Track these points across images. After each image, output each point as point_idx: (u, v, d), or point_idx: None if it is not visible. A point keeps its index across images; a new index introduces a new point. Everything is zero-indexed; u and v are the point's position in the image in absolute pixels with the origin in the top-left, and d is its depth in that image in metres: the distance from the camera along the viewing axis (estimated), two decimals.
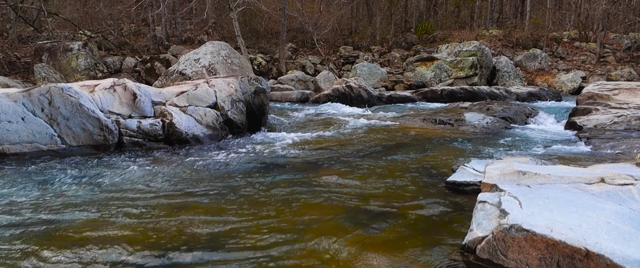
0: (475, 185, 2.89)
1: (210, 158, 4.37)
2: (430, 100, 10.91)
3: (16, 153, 4.14)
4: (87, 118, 4.57)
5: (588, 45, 18.17)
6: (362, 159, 4.27)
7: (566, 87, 14.93)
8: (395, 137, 5.58)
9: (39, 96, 4.39)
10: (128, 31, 18.26)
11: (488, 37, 18.32)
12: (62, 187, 3.44)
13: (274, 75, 14.50)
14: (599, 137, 5.45)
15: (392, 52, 16.31)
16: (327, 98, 10.72)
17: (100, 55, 14.23)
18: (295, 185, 3.41)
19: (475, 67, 13.75)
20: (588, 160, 4.09)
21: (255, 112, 6.58)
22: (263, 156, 4.47)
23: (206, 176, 3.73)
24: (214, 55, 11.06)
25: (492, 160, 3.21)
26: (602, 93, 8.10)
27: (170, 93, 5.60)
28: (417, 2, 20.31)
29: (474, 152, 4.59)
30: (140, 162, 4.22)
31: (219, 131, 5.49)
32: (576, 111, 7.23)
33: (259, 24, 16.83)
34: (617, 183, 1.92)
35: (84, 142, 4.55)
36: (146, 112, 5.15)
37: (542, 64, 16.62)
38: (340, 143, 5.08)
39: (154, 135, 4.93)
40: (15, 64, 13.58)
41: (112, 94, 5.02)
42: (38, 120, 4.32)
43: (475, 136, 5.81)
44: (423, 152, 4.62)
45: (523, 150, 4.71)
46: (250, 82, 6.65)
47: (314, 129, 6.17)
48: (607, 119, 6.30)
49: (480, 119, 7.19)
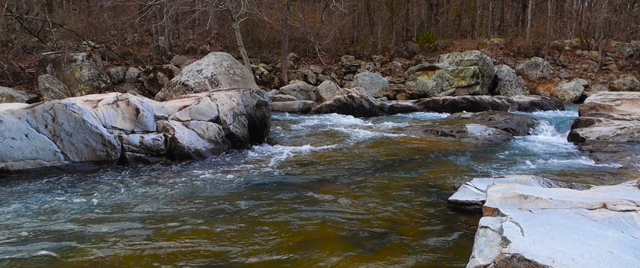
0: (477, 205, 2.89)
1: (211, 175, 4.38)
2: (432, 110, 10.91)
3: (19, 170, 4.16)
4: (90, 134, 4.60)
5: (590, 54, 18.18)
6: (363, 176, 4.26)
7: (568, 96, 14.92)
8: (397, 150, 5.58)
9: (43, 113, 4.42)
10: (131, 41, 18.41)
11: (489, 45, 18.36)
12: (63, 207, 3.45)
13: (276, 85, 14.55)
14: (601, 150, 5.43)
15: (394, 61, 16.36)
16: (329, 108, 10.74)
17: (103, 65, 14.33)
18: (295, 204, 3.41)
19: (477, 76, 13.76)
20: (591, 176, 4.08)
21: (257, 125, 6.60)
22: (263, 173, 4.47)
23: (206, 195, 3.73)
24: (216, 66, 11.13)
25: (494, 180, 3.20)
26: (605, 103, 8.09)
27: (172, 107, 5.62)
28: (418, 11, 20.40)
29: (476, 168, 4.58)
30: (141, 180, 4.23)
31: (221, 145, 5.51)
32: (578, 122, 7.22)
33: (261, 34, 16.93)
34: (619, 210, 1.91)
35: (87, 158, 4.57)
36: (149, 126, 5.17)
37: (544, 72, 16.62)
38: (341, 159, 5.08)
39: (156, 150, 4.95)
40: (20, 74, 13.69)
41: (115, 109, 5.05)
42: (41, 136, 4.35)
43: (477, 149, 5.81)
44: (425, 168, 4.61)
45: (525, 165, 4.70)
46: (252, 95, 6.68)
47: (316, 142, 6.18)
48: (610, 131, 6.28)
49: (482, 130, 7.18)
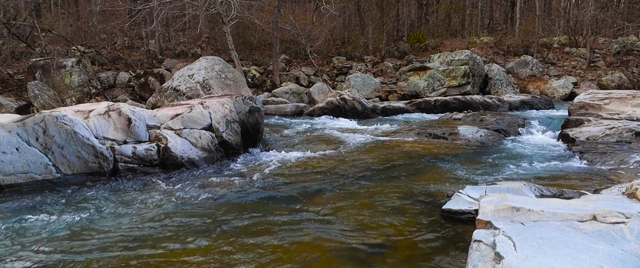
0: (470, 214, 2.92)
1: (204, 187, 4.36)
2: (424, 110, 10.98)
3: (11, 184, 4.11)
4: (81, 146, 4.56)
5: (578, 51, 18.41)
6: (356, 184, 4.28)
7: (558, 93, 15.09)
8: (390, 155, 5.61)
9: (34, 125, 4.38)
10: (121, 45, 18.24)
11: (479, 44, 18.50)
12: (54, 223, 3.42)
13: (268, 88, 14.52)
14: (591, 151, 5.51)
15: (385, 62, 16.42)
16: (322, 111, 10.75)
17: (93, 70, 14.19)
18: (287, 217, 3.41)
19: (467, 75, 13.87)
20: (581, 179, 4.14)
21: (250, 131, 6.59)
22: (256, 183, 4.47)
23: (198, 209, 3.72)
24: (207, 71, 11.09)
25: (486, 187, 3.24)
26: (594, 103, 8.21)
27: (164, 116, 5.60)
28: (408, 11, 20.49)
29: (469, 173, 4.62)
30: (133, 193, 4.20)
31: (214, 153, 5.49)
32: (568, 122, 7.32)
33: (252, 36, 16.89)
34: (608, 222, 1.95)
35: (79, 170, 4.54)
36: (141, 136, 5.14)
37: (534, 70, 16.80)
38: (334, 166, 5.09)
39: (149, 161, 4.92)
40: (8, 81, 13.50)
41: (106, 120, 5.01)
42: (33, 149, 4.31)
43: (469, 152, 5.86)
44: (418, 174, 4.65)
45: (517, 168, 4.76)
46: (245, 102, 6.67)
47: (308, 148, 6.19)
48: (599, 131, 6.38)
49: (474, 132, 7.25)
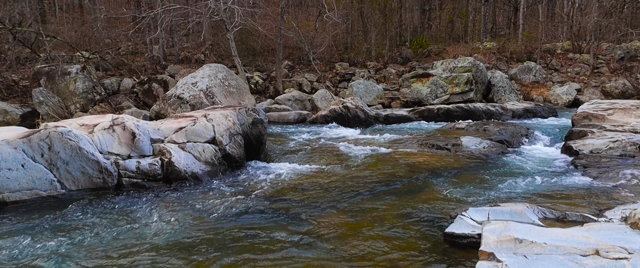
0: (473, 238, 2.93)
1: (207, 202, 4.38)
2: (427, 118, 10.98)
3: (16, 201, 4.15)
4: (86, 161, 4.59)
5: (582, 57, 18.36)
6: (357, 202, 4.29)
7: (561, 100, 15.06)
8: (392, 169, 5.61)
9: (39, 141, 4.41)
10: (125, 50, 18.34)
11: (482, 50, 18.48)
12: (57, 240, 3.45)
13: (271, 94, 14.56)
14: (595, 166, 5.50)
15: (388, 68, 16.43)
16: (324, 119, 10.78)
17: (98, 76, 14.27)
18: (287, 237, 3.43)
19: (470, 82, 13.86)
20: (585, 199, 4.13)
21: (253, 143, 6.61)
22: (257, 200, 4.47)
23: (201, 226, 3.75)
24: (211, 78, 11.13)
25: (489, 209, 3.24)
26: (597, 113, 8.19)
27: (168, 129, 5.63)
28: (411, 16, 20.50)
29: (472, 189, 4.62)
30: (137, 209, 4.23)
31: (218, 167, 5.52)
32: (572, 134, 7.30)
33: (256, 42, 16.94)
34: (611, 257, 1.96)
35: (83, 185, 4.57)
36: (145, 151, 5.17)
37: (537, 76, 16.77)
38: (335, 181, 5.09)
39: (152, 175, 4.95)
40: (13, 88, 13.60)
41: (111, 134, 5.05)
42: (38, 166, 4.34)
43: (472, 166, 5.86)
44: (420, 191, 4.65)
45: (520, 185, 4.75)
46: (248, 113, 6.70)
47: (310, 161, 6.19)
48: (603, 144, 6.36)
49: (477, 143, 7.24)
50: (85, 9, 25.13)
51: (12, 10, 16.37)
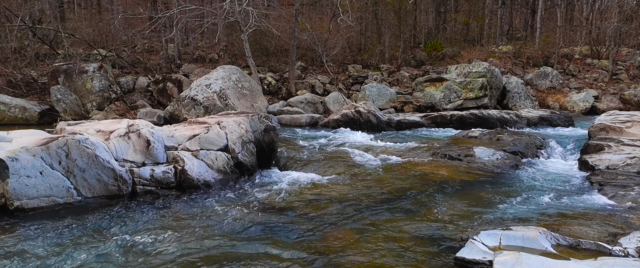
0: (484, 265, 2.91)
1: (218, 212, 4.44)
2: (439, 125, 10.89)
3: (34, 208, 4.26)
4: (102, 169, 4.69)
5: (600, 63, 17.98)
6: (367, 217, 4.29)
7: (578, 107, 14.79)
8: (404, 182, 5.59)
9: (57, 149, 4.52)
10: (141, 48, 18.59)
11: (498, 54, 18.23)
12: (74, 247, 3.54)
13: (283, 96, 14.61)
14: (611, 183, 5.41)
15: (401, 71, 16.33)
16: (337, 123, 10.78)
17: (114, 74, 14.50)
18: (297, 251, 3.47)
19: (485, 88, 13.69)
20: (600, 221, 4.07)
21: (265, 150, 6.66)
22: (268, 211, 4.51)
23: (213, 236, 3.82)
24: (224, 80, 11.22)
25: (501, 233, 3.21)
26: (615, 125, 8.02)
27: (182, 136, 5.70)
28: (426, 18, 20.32)
29: (484, 207, 4.59)
30: (151, 217, 4.31)
31: (230, 175, 5.57)
32: (588, 147, 7.17)
33: (269, 43, 17.00)
34: None
35: (99, 193, 4.67)
36: (159, 158, 5.25)
37: (554, 82, 16.48)
38: (346, 193, 5.09)
39: (166, 183, 5.03)
40: (32, 85, 13.91)
41: (126, 141, 5.14)
42: (56, 173, 4.45)
43: (485, 180, 5.80)
44: (431, 206, 4.63)
45: (533, 204, 4.70)
46: (261, 120, 6.74)
47: (321, 170, 6.20)
48: (620, 159, 6.24)
49: (490, 154, 7.17)
50: (102, 7, 25.52)
51: (33, 8, 16.71)
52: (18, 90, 13.41)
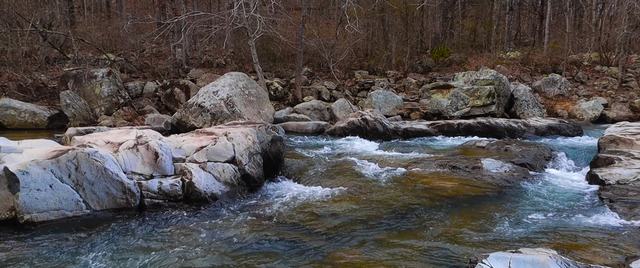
0: None
1: (224, 226, 4.46)
2: (446, 133, 10.85)
3: (43, 221, 4.30)
4: (111, 182, 4.72)
5: (609, 70, 17.80)
6: (373, 234, 4.27)
7: (587, 116, 14.65)
8: (410, 197, 5.56)
9: (67, 162, 4.56)
10: (149, 52, 18.74)
11: (506, 60, 18.13)
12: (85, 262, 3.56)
13: (290, 102, 14.64)
14: (621, 200, 5.34)
15: (408, 78, 16.29)
16: (343, 131, 10.77)
17: (122, 79, 14.62)
18: None
19: (492, 95, 13.62)
20: (612, 241, 4.02)
21: (272, 160, 6.67)
22: (273, 225, 4.52)
23: (219, 251, 3.83)
24: (232, 87, 11.27)
25: (511, 256, 3.18)
26: (625, 137, 7.93)
27: (190, 148, 5.73)
28: (433, 24, 20.26)
29: (492, 224, 4.55)
30: (159, 231, 4.33)
31: (237, 187, 5.59)
32: (598, 160, 7.09)
33: (276, 48, 17.05)
34: None
35: (107, 206, 4.70)
36: (167, 170, 5.28)
37: (562, 89, 16.35)
38: (351, 208, 5.06)
39: (173, 196, 5.05)
40: (42, 89, 14.07)
41: (135, 154, 5.17)
42: (65, 186, 4.49)
43: (493, 195, 5.76)
44: (439, 223, 4.60)
45: (542, 222, 4.65)
46: (268, 131, 6.76)
47: (326, 182, 6.19)
48: (630, 175, 6.16)
49: (498, 167, 7.11)
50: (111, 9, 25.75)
51: (43, 13, 16.92)
52: (28, 95, 13.57)
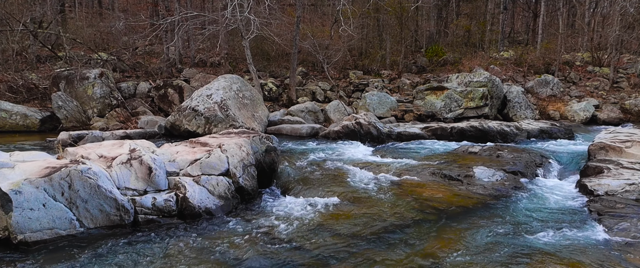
0: None
1: (218, 242, 4.49)
2: (440, 137, 10.93)
3: (36, 241, 4.29)
4: (104, 199, 4.72)
5: (601, 70, 17.97)
6: (365, 250, 4.33)
7: (578, 117, 14.81)
8: (402, 208, 5.62)
9: (60, 180, 4.55)
10: (142, 50, 18.56)
11: (499, 60, 18.22)
12: None
13: (284, 102, 14.63)
14: (610, 213, 5.44)
15: (402, 78, 16.33)
16: (337, 135, 10.81)
17: (115, 79, 14.50)
18: None
19: (485, 97, 13.71)
20: (599, 258, 4.11)
21: (266, 170, 6.70)
22: (268, 240, 4.56)
23: None
24: (226, 90, 11.23)
25: None
26: (614, 145, 8.05)
27: (183, 161, 5.73)
28: (427, 24, 20.27)
29: (482, 238, 4.63)
30: (153, 248, 4.35)
31: (231, 200, 5.61)
32: (587, 169, 7.20)
33: (270, 47, 16.99)
34: None
35: (101, 223, 4.71)
36: (160, 185, 5.29)
37: (554, 90, 16.49)
38: (345, 221, 5.12)
39: (167, 211, 5.07)
40: (33, 90, 13.91)
41: (128, 169, 5.17)
42: (58, 205, 4.48)
43: (483, 207, 5.84)
44: (429, 238, 4.67)
45: (532, 236, 4.74)
46: (262, 141, 6.77)
47: (321, 191, 6.23)
48: (618, 185, 6.27)
49: (490, 175, 7.21)
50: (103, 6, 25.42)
51: (34, 11, 16.68)
52: (19, 96, 13.42)
